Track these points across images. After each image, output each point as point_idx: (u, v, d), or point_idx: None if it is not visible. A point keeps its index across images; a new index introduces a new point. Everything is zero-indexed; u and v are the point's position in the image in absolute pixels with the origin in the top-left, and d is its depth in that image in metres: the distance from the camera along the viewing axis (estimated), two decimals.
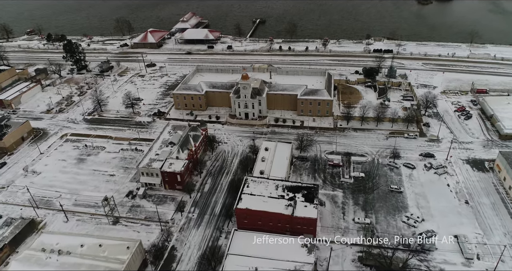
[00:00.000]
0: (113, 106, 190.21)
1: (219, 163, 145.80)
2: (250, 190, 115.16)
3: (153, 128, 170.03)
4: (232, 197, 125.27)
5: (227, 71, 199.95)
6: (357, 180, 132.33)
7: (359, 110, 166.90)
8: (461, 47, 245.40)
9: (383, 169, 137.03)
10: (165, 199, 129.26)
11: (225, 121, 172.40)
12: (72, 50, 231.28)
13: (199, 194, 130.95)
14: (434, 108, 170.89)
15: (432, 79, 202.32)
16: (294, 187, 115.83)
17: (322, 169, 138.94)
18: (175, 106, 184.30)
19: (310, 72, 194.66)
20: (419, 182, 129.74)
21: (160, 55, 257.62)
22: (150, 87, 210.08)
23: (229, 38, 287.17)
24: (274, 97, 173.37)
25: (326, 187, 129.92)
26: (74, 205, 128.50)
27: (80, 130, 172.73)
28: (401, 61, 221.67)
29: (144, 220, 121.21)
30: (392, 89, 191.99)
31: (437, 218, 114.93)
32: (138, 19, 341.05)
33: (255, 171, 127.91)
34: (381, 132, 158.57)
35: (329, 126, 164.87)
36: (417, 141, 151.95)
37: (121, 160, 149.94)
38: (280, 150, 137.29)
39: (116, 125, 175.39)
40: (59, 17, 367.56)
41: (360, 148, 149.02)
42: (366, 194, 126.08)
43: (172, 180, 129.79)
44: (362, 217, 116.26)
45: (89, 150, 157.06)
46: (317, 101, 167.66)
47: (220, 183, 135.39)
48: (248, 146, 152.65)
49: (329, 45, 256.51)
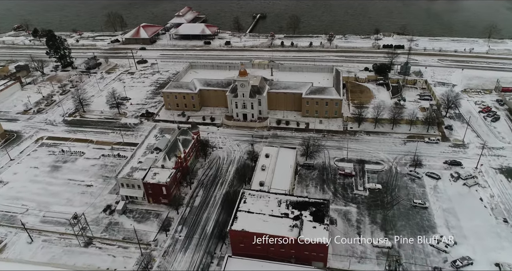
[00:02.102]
0: (97, 106, 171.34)
1: (212, 172, 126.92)
2: (248, 207, 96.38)
3: (140, 131, 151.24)
4: (226, 213, 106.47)
5: (223, 68, 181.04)
6: (373, 193, 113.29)
7: (372, 111, 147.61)
8: (478, 42, 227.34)
9: (402, 180, 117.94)
10: (148, 215, 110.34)
11: (221, 123, 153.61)
12: (56, 46, 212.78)
13: (188, 208, 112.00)
14: (456, 109, 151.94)
15: (450, 77, 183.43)
16: (300, 202, 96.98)
17: (332, 179, 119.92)
18: (166, 107, 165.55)
19: (316, 69, 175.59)
20: (447, 196, 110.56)
21: (152, 52, 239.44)
22: (139, 86, 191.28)
23: (228, 34, 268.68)
24: (275, 96, 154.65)
25: (337, 201, 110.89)
26: (42, 222, 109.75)
27: (58, 133, 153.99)
28: (414, 57, 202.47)
29: (122, 241, 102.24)
30: (407, 87, 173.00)
31: (471, 240, 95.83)
32: (132, 16, 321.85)
33: (254, 182, 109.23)
34: (397, 136, 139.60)
35: (338, 129, 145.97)
36: (439, 146, 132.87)
37: (101, 167, 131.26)
38: (282, 156, 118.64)
39: (99, 127, 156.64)
40: (48, 13, 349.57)
41: (375, 154, 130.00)
42: (385, 209, 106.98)
43: (157, 192, 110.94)
44: (381, 238, 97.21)
45: (66, 155, 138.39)
46: (325, 101, 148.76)
47: (213, 196, 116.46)
48: (246, 151, 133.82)
49: (335, 40, 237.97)
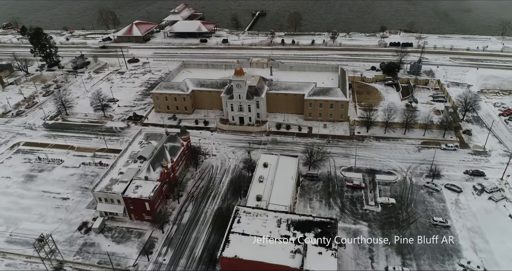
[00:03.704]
0: (82, 108, 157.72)
1: (204, 183, 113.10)
2: (242, 227, 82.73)
3: (126, 136, 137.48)
4: (218, 233, 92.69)
5: (219, 67, 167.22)
6: (386, 208, 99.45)
7: (382, 114, 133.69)
8: (491, 40, 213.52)
9: (419, 193, 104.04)
10: (128, 234, 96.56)
11: (215, 128, 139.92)
12: (42, 43, 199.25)
13: (175, 227, 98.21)
14: (474, 112, 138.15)
15: (464, 77, 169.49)
16: (304, 222, 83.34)
17: (339, 192, 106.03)
18: (155, 109, 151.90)
19: (319, 68, 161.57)
20: (471, 212, 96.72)
21: (145, 50, 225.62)
22: (129, 86, 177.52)
23: (225, 31, 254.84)
24: (275, 97, 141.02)
25: (345, 218, 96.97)
26: (8, 242, 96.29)
27: (36, 138, 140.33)
28: (424, 56, 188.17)
29: (98, 266, 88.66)
30: (418, 88, 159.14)
31: (504, 267, 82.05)
32: (125, 14, 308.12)
33: (250, 196, 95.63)
34: (410, 142, 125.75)
35: (344, 134, 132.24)
36: (458, 154, 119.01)
37: (80, 177, 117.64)
38: (283, 166, 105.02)
39: (82, 132, 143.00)
40: (40, 11, 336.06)
41: (386, 163, 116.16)
42: (401, 229, 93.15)
43: (139, 208, 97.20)
44: (398, 265, 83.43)
45: (43, 163, 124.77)
46: (329, 103, 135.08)
47: (204, 212, 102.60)
48: (243, 159, 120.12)
49: (338, 38, 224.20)
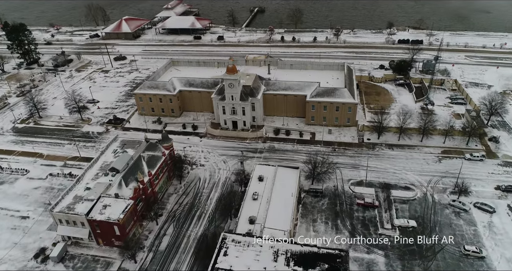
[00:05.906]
0: (57, 110, 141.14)
1: (189, 199, 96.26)
2: (230, 262, 66.03)
3: (104, 143, 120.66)
4: (202, 264, 76.02)
5: (211, 65, 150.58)
6: (405, 232, 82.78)
7: (395, 118, 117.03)
8: (508, 37, 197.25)
9: (443, 213, 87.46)
10: (94, 264, 79.82)
11: (205, 133, 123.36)
12: (19, 39, 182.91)
13: (151, 254, 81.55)
14: (498, 116, 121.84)
15: (483, 76, 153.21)
16: (307, 255, 66.63)
17: (348, 211, 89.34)
18: (139, 111, 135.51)
19: (323, 66, 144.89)
20: (508, 238, 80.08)
21: (134, 47, 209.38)
22: (112, 86, 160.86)
23: (221, 28, 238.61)
24: (273, 99, 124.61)
25: (356, 246, 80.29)
26: None
27: (1, 144, 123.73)
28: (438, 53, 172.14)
29: None
30: (433, 88, 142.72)
31: None
32: (116, 11, 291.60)
33: (242, 217, 79.13)
34: (428, 151, 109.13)
35: (352, 141, 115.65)
36: (485, 165, 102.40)
37: (45, 191, 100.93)
38: (281, 179, 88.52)
39: (54, 137, 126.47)
40: (28, 8, 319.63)
41: (402, 176, 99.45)
42: (424, 259, 76.52)
43: (107, 232, 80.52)
44: None
45: (5, 174, 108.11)
46: (335, 105, 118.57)
47: (186, 235, 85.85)
48: (234, 170, 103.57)
49: (342, 35, 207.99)
